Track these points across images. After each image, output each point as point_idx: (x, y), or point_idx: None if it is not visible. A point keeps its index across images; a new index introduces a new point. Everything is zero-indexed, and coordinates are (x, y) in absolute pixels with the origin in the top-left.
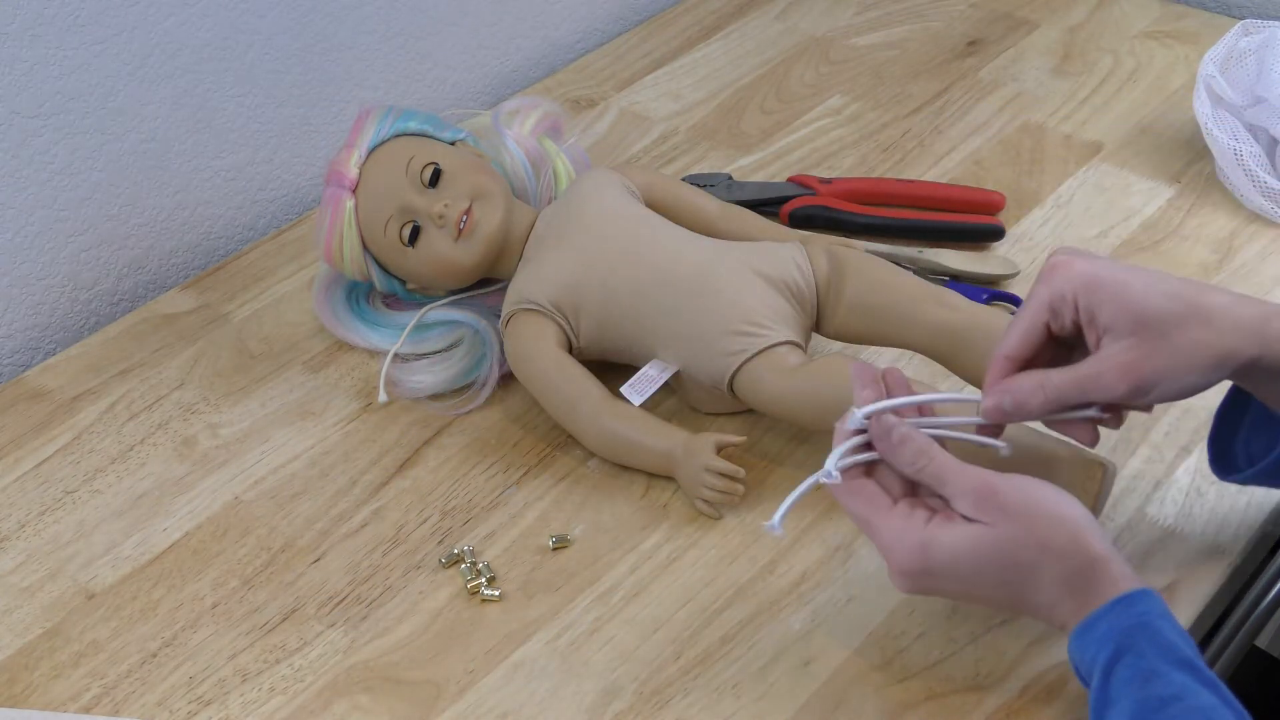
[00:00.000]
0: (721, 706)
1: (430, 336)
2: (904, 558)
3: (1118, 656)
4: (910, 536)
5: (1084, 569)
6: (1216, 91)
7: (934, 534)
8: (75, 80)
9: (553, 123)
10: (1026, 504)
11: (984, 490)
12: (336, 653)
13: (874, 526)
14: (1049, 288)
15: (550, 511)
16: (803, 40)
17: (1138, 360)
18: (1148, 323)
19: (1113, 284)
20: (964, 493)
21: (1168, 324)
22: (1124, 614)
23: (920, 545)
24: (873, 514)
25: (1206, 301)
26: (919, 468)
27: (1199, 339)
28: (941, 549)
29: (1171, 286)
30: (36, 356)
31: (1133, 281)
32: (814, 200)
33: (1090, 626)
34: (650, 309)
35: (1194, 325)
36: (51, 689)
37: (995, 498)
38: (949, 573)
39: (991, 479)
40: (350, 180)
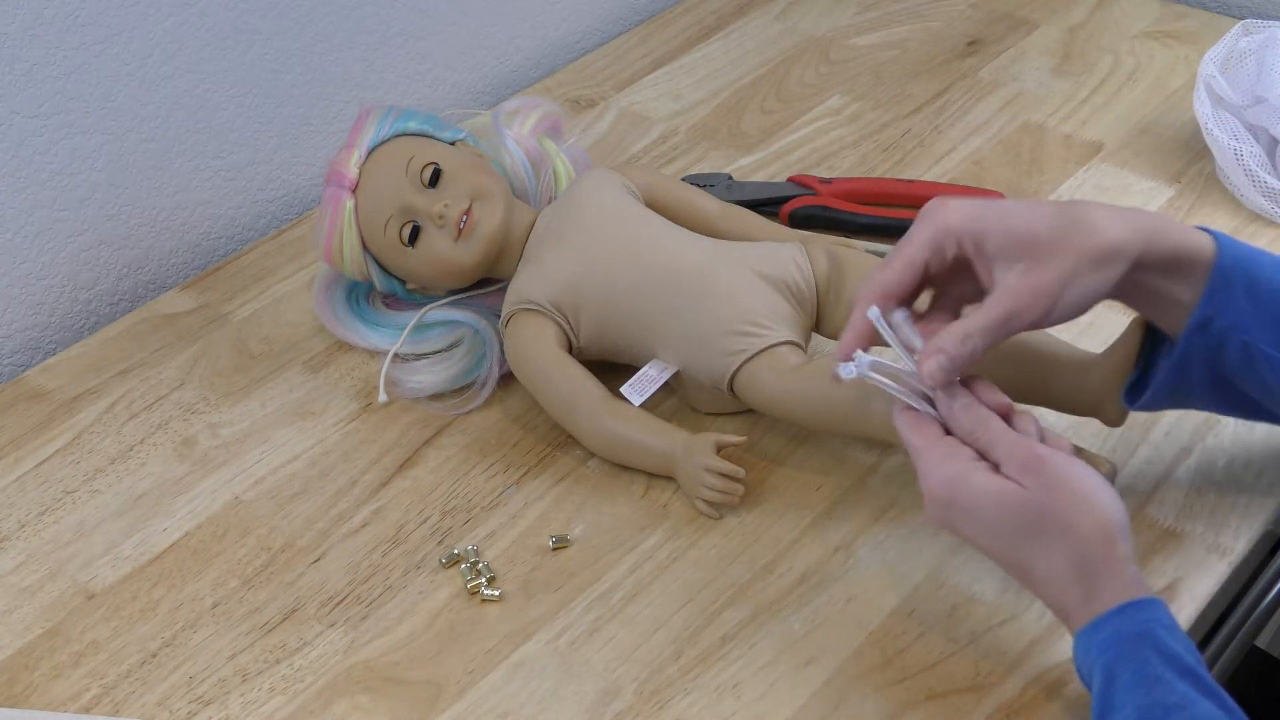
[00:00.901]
0: (721, 706)
1: (430, 336)
2: (933, 484)
3: (1122, 662)
4: (947, 467)
5: (1100, 562)
6: (1216, 91)
7: (968, 472)
8: (75, 80)
9: (553, 123)
10: (1065, 481)
11: (1031, 458)
12: (336, 653)
13: (919, 451)
14: (931, 225)
15: (550, 511)
16: (803, 40)
17: (1040, 278)
18: (1036, 241)
19: (995, 214)
20: (1011, 456)
21: (1054, 238)
22: (1131, 620)
23: (951, 478)
24: (923, 440)
25: (1086, 211)
26: (975, 435)
27: (1086, 242)
28: (969, 488)
29: (1051, 207)
30: (36, 356)
31: (1013, 209)
32: (814, 200)
33: (1096, 629)
34: (650, 309)
35: (1077, 232)
36: (51, 689)
37: (1039, 465)
38: (969, 514)
39: (1042, 451)
40: (350, 180)
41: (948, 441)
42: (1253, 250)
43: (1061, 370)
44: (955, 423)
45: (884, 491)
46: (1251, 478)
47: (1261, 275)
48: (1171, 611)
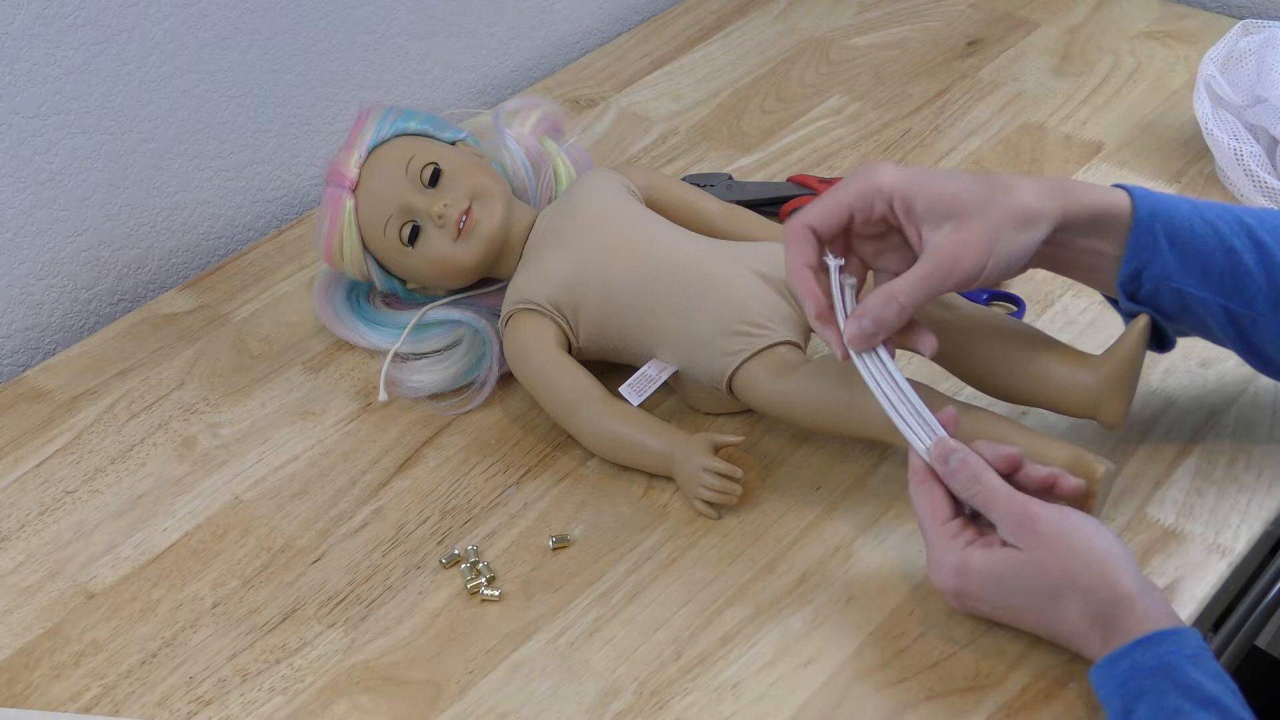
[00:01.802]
0: (721, 706)
1: (430, 336)
2: (942, 575)
3: (1139, 697)
4: (950, 557)
5: (1109, 605)
6: (1216, 91)
7: (969, 557)
8: (75, 80)
9: (553, 123)
10: (1060, 535)
11: (1022, 516)
12: (336, 653)
13: (926, 535)
14: (862, 180)
15: (550, 511)
16: (803, 40)
17: (966, 238)
18: (962, 204)
19: (923, 178)
20: (1004, 517)
21: (978, 199)
22: (1146, 654)
23: (956, 567)
24: (929, 522)
25: (1007, 177)
26: (971, 494)
27: (1006, 201)
28: (975, 571)
29: (974, 175)
30: (36, 356)
31: (940, 174)
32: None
33: (1112, 664)
34: (649, 308)
35: (999, 193)
36: (51, 689)
37: (1031, 524)
38: (981, 593)
39: (1033, 507)
40: (350, 180)
41: (951, 526)
42: (1169, 199)
43: (1060, 371)
44: (953, 481)
45: (884, 491)
46: (1251, 478)
47: (1180, 223)
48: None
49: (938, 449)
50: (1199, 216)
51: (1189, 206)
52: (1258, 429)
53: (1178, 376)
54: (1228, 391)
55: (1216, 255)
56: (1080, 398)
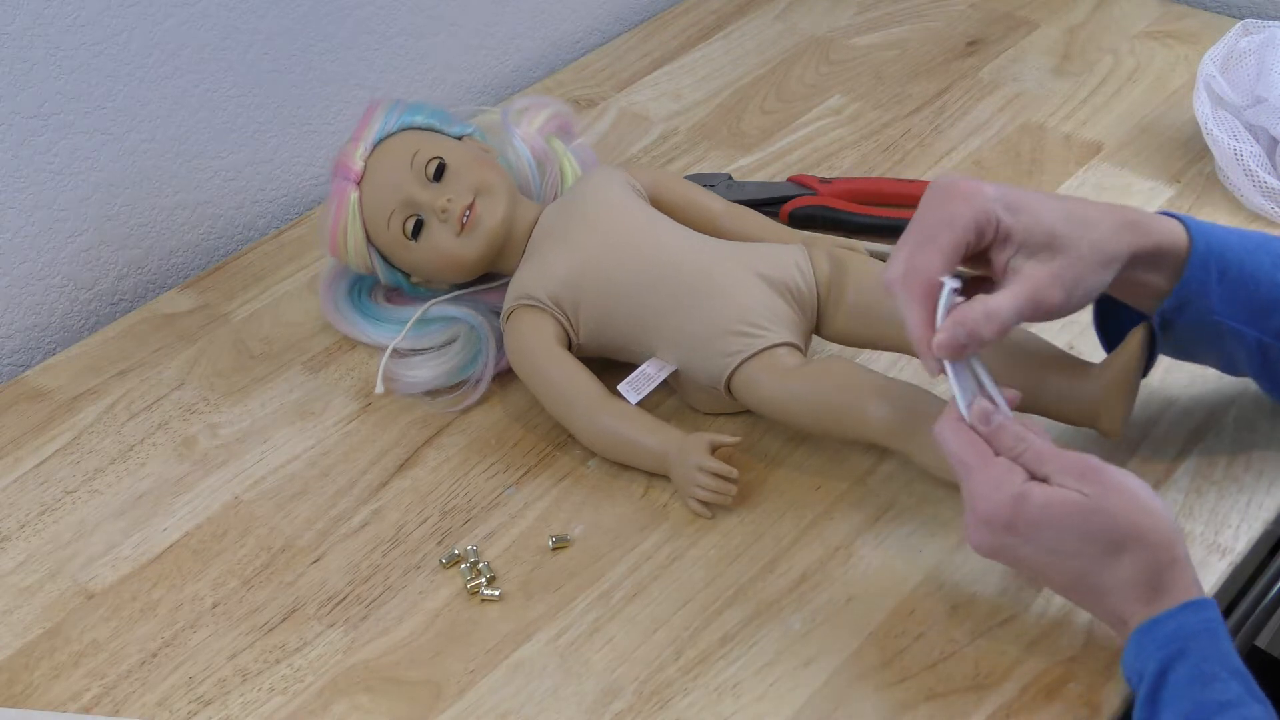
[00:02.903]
0: (721, 706)
1: (428, 332)
2: (994, 507)
3: (1180, 657)
4: (1007, 487)
5: (1166, 566)
6: (1216, 91)
7: (1030, 489)
8: (75, 80)
9: (562, 122)
10: (1125, 488)
11: (1085, 466)
12: (336, 653)
13: (971, 470)
14: (971, 207)
15: (550, 511)
16: (803, 40)
17: (1060, 269)
18: (1056, 238)
19: (1027, 206)
20: (1066, 469)
21: (1069, 238)
22: (1193, 618)
23: (1015, 497)
24: (974, 457)
25: (1087, 211)
26: (1018, 451)
27: (1093, 246)
28: (1034, 504)
29: (1062, 206)
30: (36, 356)
31: (1038, 204)
32: (814, 200)
33: (1159, 624)
34: (649, 307)
35: (1086, 233)
36: (51, 689)
37: (1098, 474)
38: (1033, 532)
39: (1094, 460)
40: (355, 172)
41: (1000, 460)
42: (1220, 233)
43: (1059, 379)
44: (997, 439)
45: (883, 492)
46: (1251, 478)
47: (1231, 257)
48: None
49: (980, 408)
50: (1249, 249)
51: (1239, 239)
52: (1258, 429)
53: (1178, 376)
54: (1228, 391)
55: (1263, 289)
56: (1079, 407)
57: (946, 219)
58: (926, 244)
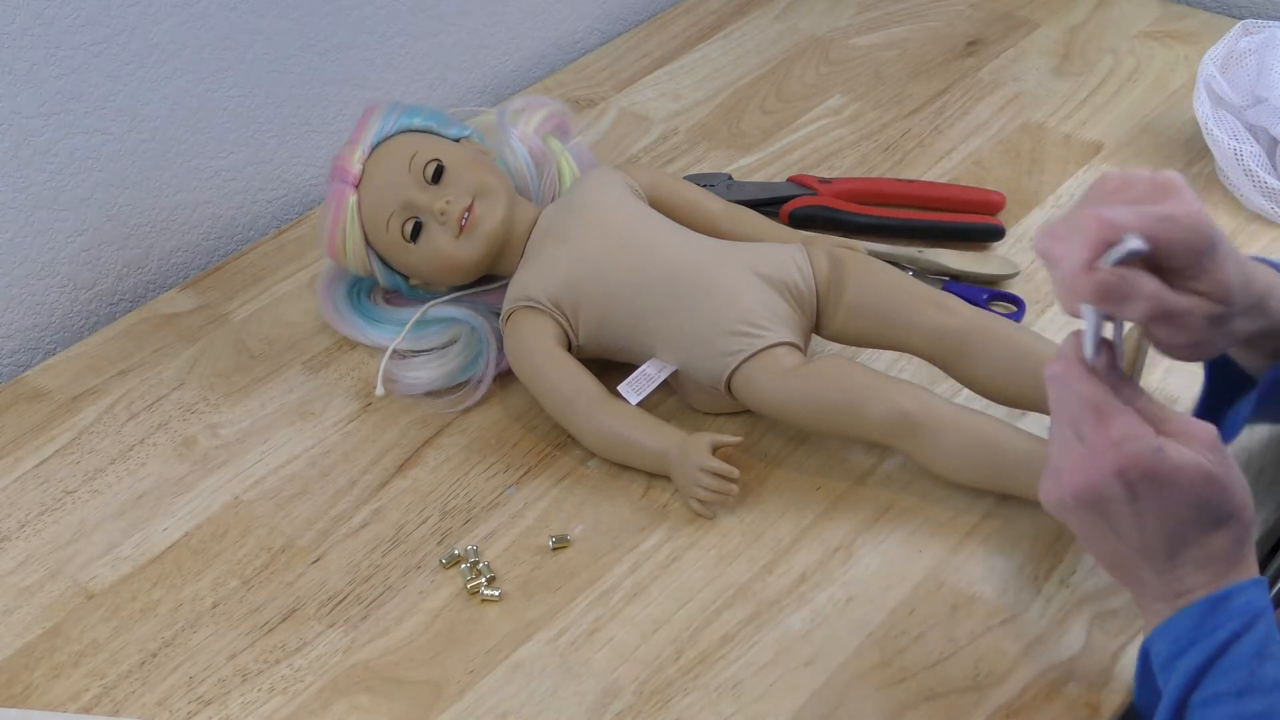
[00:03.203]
0: (721, 706)
1: (428, 333)
2: (1132, 457)
3: (1247, 630)
4: (1147, 438)
5: (1245, 546)
6: (1216, 91)
7: (1168, 445)
8: (75, 80)
9: (559, 122)
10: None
11: (1211, 435)
12: (336, 653)
13: (1107, 416)
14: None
15: (550, 511)
16: (803, 40)
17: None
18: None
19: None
20: (1192, 433)
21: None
22: (1260, 595)
23: (1157, 449)
24: (1109, 404)
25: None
26: (1140, 406)
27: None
28: (1173, 460)
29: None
30: (36, 356)
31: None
32: (814, 200)
33: (1230, 596)
34: (649, 308)
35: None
36: (51, 689)
37: (1218, 445)
38: (1160, 488)
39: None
40: (353, 175)
41: (1133, 412)
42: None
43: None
44: (1121, 392)
45: (883, 492)
46: (1251, 478)
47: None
48: None
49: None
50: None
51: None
52: (1258, 429)
53: (1178, 376)
54: None
55: None
56: None
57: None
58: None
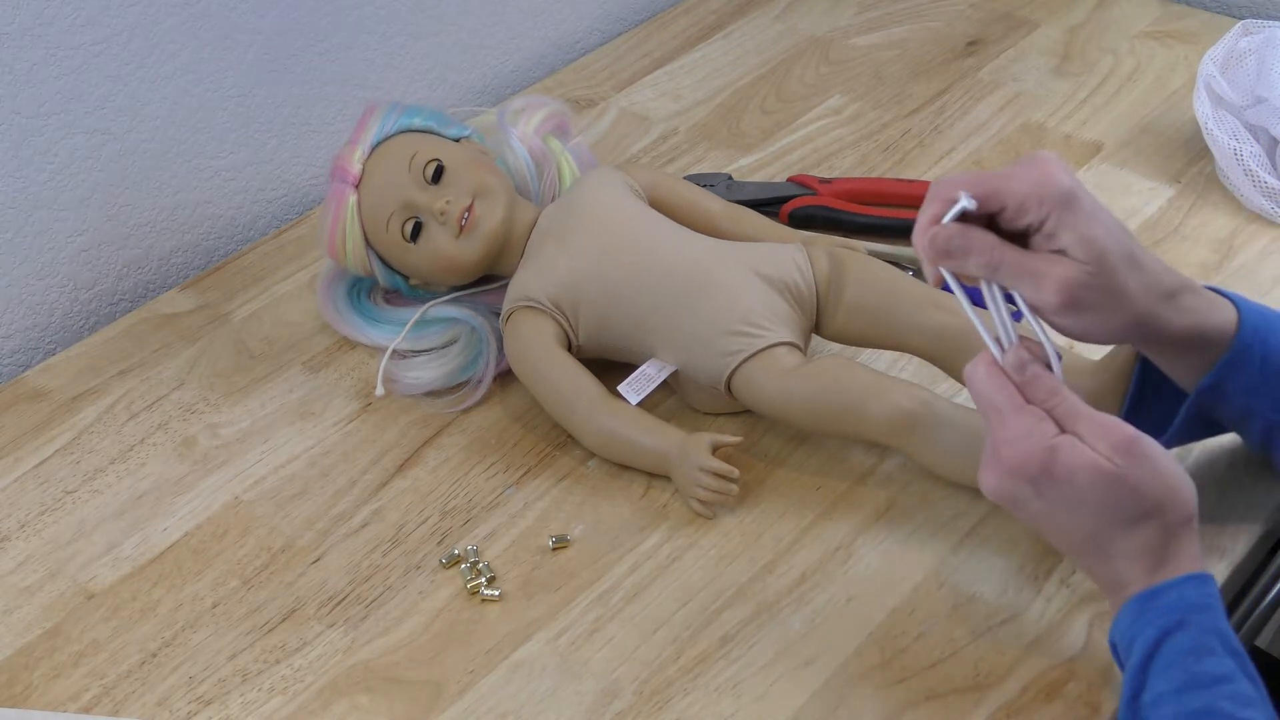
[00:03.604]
0: (721, 706)
1: (428, 333)
2: (1022, 456)
3: (1178, 628)
4: (1040, 438)
5: (1177, 540)
6: (1216, 91)
7: (1062, 444)
8: (75, 80)
9: (559, 122)
10: (1154, 462)
11: (1121, 437)
12: (336, 653)
13: (1004, 415)
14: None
15: (550, 511)
16: (803, 40)
17: (1081, 285)
18: (1104, 259)
19: (1086, 213)
20: (1100, 433)
21: (1118, 267)
22: (1194, 591)
23: (1047, 450)
24: (1006, 402)
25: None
26: (1052, 404)
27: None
28: (1063, 462)
29: (1122, 241)
30: (36, 356)
31: (1103, 216)
32: (814, 200)
33: (1160, 593)
34: (649, 308)
35: (1135, 277)
36: (51, 689)
37: (1131, 446)
38: (1054, 488)
39: (1129, 429)
40: (353, 175)
41: (1032, 409)
42: (1272, 319)
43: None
44: (1030, 389)
45: (883, 492)
46: (1251, 478)
47: (1275, 348)
48: None
49: (1015, 355)
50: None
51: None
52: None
53: None
54: None
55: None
56: None
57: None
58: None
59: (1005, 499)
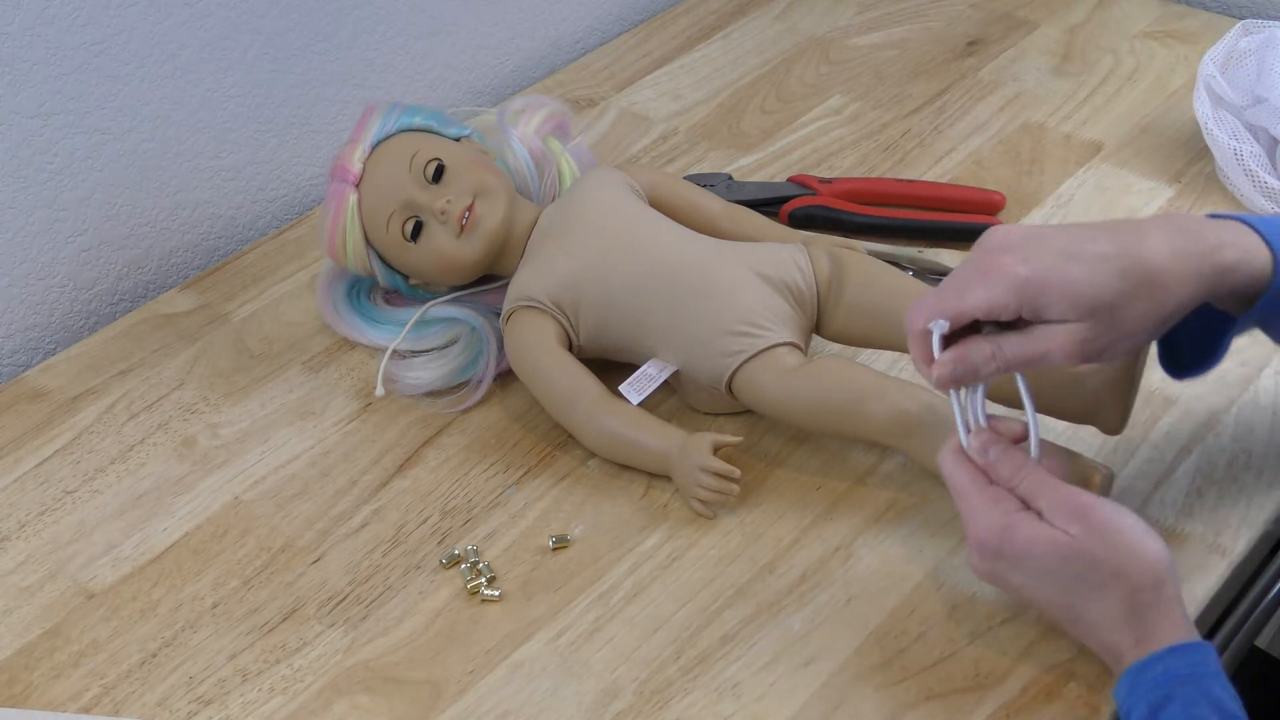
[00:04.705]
0: (721, 706)
1: (428, 333)
2: (982, 534)
3: (1167, 701)
4: (995, 516)
5: (1151, 605)
6: (1216, 91)
7: (1016, 521)
8: (75, 80)
9: (559, 122)
10: (1113, 529)
11: (1074, 506)
12: (336, 653)
13: (967, 497)
14: (988, 293)
15: (550, 511)
16: (803, 40)
17: (1089, 340)
18: (1099, 308)
19: (1058, 284)
20: (1054, 505)
21: (1118, 303)
22: (1183, 661)
23: (1003, 526)
24: (969, 486)
25: (1150, 265)
26: (1016, 482)
27: (1147, 310)
28: (1020, 537)
29: (1117, 263)
30: (36, 356)
31: (1077, 274)
32: (814, 200)
33: (1148, 667)
34: (649, 308)
35: (1142, 297)
36: (51, 689)
37: (1085, 513)
38: (1019, 563)
39: (1084, 497)
40: (354, 175)
41: (993, 490)
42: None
43: (1060, 375)
44: (995, 470)
45: (883, 492)
46: (1251, 478)
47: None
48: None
49: (978, 440)
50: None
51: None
52: (1258, 429)
53: None
54: (1228, 391)
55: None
56: (1079, 404)
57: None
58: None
59: (988, 577)
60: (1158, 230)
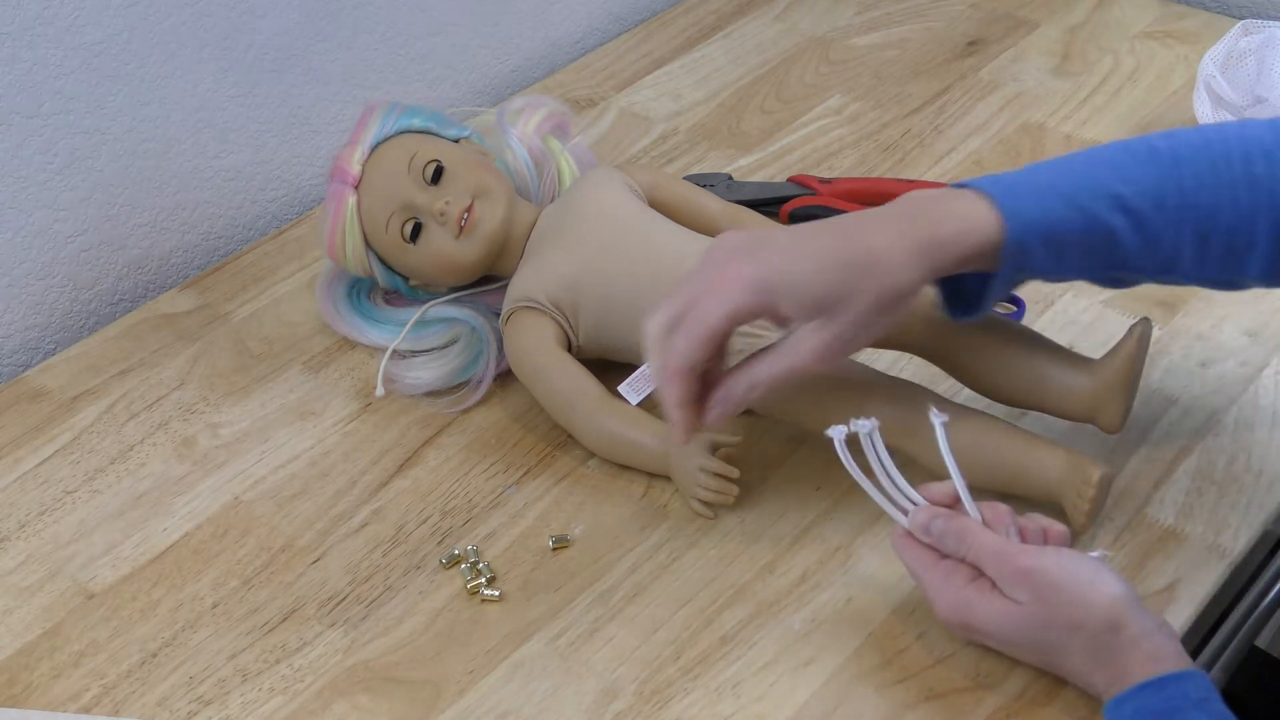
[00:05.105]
0: (721, 706)
1: (428, 333)
2: (946, 612)
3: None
4: (950, 595)
5: (1113, 650)
6: (1216, 91)
7: (971, 599)
8: (75, 80)
9: (558, 122)
10: (1057, 588)
11: (1016, 572)
12: (336, 653)
13: (921, 579)
14: (723, 305)
15: (550, 511)
16: (803, 40)
17: (827, 339)
18: (826, 302)
19: (784, 283)
20: (1001, 575)
21: (845, 292)
22: (1152, 698)
23: (956, 605)
24: (921, 569)
25: (871, 250)
26: (962, 553)
27: (877, 296)
28: (978, 615)
29: (836, 256)
30: (36, 356)
31: (800, 270)
32: (814, 200)
33: (1118, 707)
34: (649, 308)
35: (867, 279)
36: (51, 689)
37: (1028, 579)
38: (985, 635)
39: (1024, 560)
40: (353, 176)
41: (944, 565)
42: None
43: (1058, 375)
44: (942, 545)
45: None
46: (1251, 478)
47: (1053, 226)
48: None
49: (917, 518)
50: (1069, 206)
51: (1057, 199)
52: (1258, 429)
53: (1178, 376)
54: (1228, 391)
55: (1094, 241)
56: (1078, 401)
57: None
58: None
59: (967, 642)
60: (880, 217)
